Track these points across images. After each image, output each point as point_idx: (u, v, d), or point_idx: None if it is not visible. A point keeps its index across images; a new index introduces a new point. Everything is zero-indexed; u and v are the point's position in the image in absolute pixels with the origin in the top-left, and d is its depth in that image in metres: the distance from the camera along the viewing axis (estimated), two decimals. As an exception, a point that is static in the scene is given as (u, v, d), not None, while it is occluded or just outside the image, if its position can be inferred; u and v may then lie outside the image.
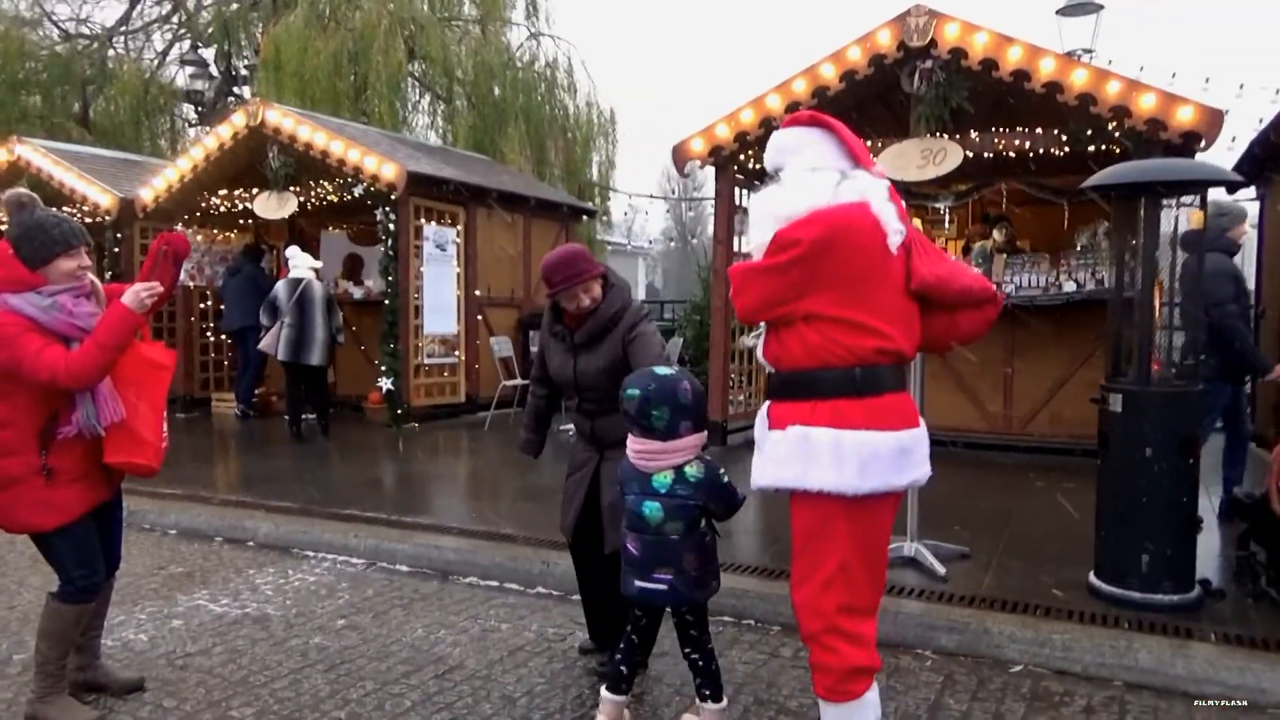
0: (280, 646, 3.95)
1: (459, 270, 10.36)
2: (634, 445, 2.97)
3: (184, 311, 11.35)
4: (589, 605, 3.84)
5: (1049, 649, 3.82)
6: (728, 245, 7.93)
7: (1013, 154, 6.90)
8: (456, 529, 5.53)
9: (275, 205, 10.30)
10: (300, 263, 8.89)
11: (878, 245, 2.55)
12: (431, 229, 9.89)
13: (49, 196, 8.25)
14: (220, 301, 11.09)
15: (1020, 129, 6.80)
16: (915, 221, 7.07)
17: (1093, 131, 6.49)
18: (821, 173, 2.61)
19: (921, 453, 2.65)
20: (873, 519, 2.59)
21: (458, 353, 10.41)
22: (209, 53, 17.67)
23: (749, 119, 7.39)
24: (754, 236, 2.72)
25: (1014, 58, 6.45)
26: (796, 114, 2.81)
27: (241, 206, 10.68)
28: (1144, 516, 4.02)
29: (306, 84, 14.46)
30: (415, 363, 9.81)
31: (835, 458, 2.50)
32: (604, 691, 3.11)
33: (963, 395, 8.00)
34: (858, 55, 6.94)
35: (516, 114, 15.61)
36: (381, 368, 9.60)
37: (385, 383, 9.49)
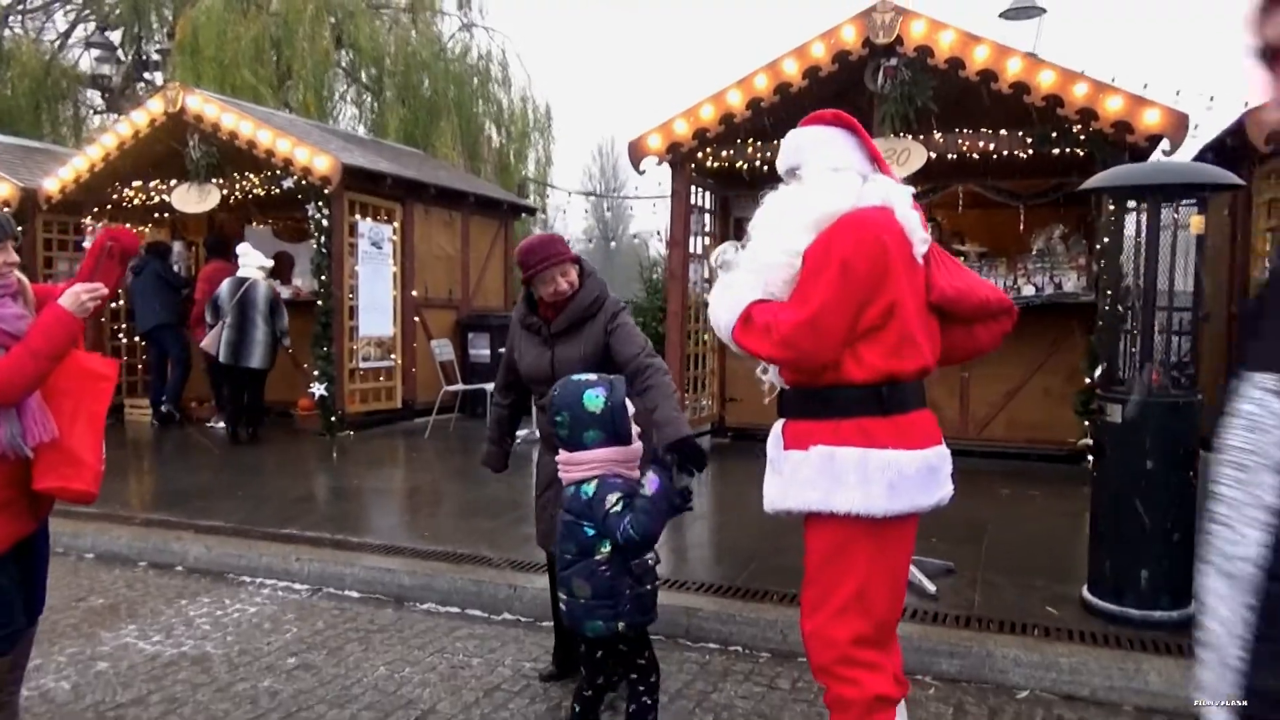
0: (226, 692, 3.53)
1: (395, 269, 9.88)
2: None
3: (93, 312, 10.55)
4: (560, 628, 3.58)
5: (1055, 673, 3.65)
6: (684, 247, 7.67)
7: (976, 155, 6.80)
8: (409, 550, 5.14)
9: (196, 198, 9.66)
10: (250, 261, 8.45)
11: (905, 254, 2.37)
12: (367, 225, 9.40)
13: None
14: (130, 301, 10.37)
15: (984, 130, 6.71)
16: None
17: (1057, 134, 6.43)
18: (844, 173, 2.41)
19: (946, 471, 2.52)
20: (896, 542, 2.43)
21: (394, 356, 9.93)
22: (116, 35, 16.67)
23: (709, 115, 7.14)
24: (768, 239, 2.46)
25: (981, 57, 6.34)
26: (818, 112, 2.57)
27: (158, 199, 9.98)
28: (1145, 532, 3.89)
29: (226, 70, 13.72)
30: (350, 367, 9.30)
31: (862, 478, 2.32)
32: None
33: (919, 399, 7.89)
34: (821, 51, 6.76)
35: (449, 107, 15.12)
36: (314, 372, 9.06)
37: (318, 388, 8.97)
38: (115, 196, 10.11)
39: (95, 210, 10.21)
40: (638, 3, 62.98)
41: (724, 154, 7.38)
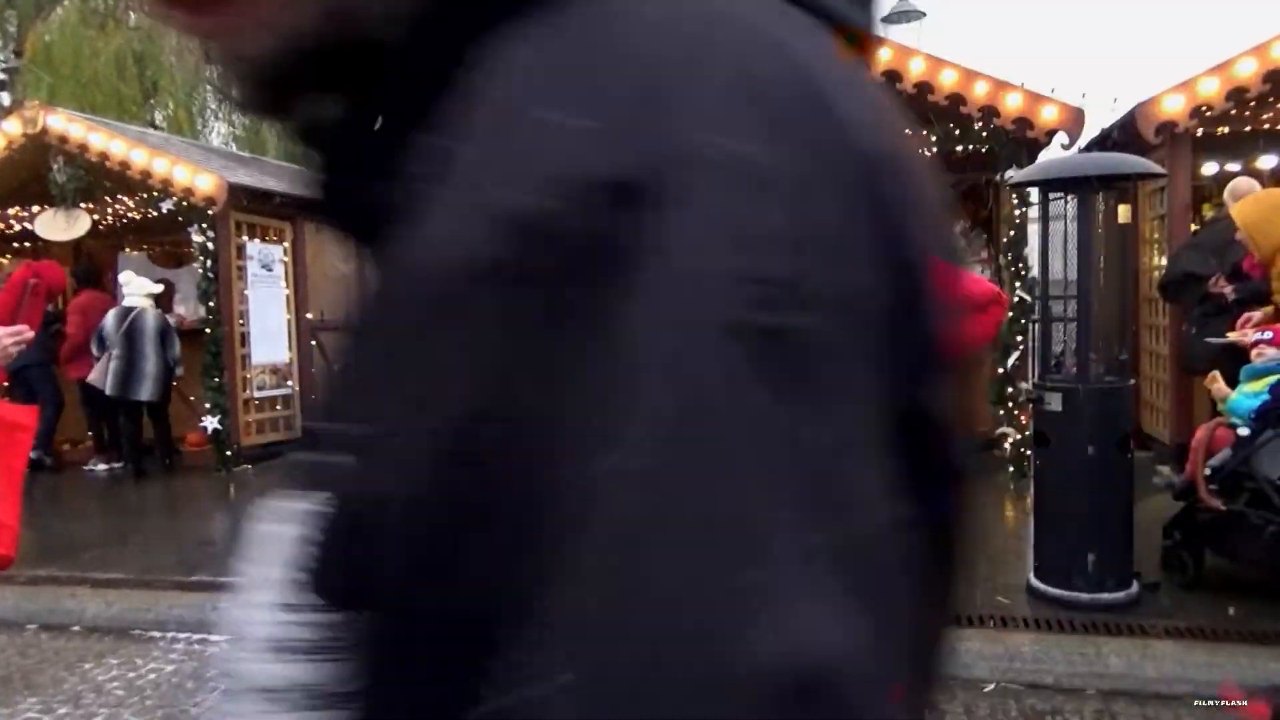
0: (154, 766, 3.20)
1: (288, 291, 9.38)
2: None
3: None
4: None
5: (1020, 663, 3.68)
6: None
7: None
8: (337, 588, 4.82)
9: (63, 225, 8.94)
10: (135, 289, 7.90)
11: None
12: (256, 247, 8.89)
13: None
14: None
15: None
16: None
17: (960, 132, 6.58)
18: None
19: None
20: None
21: (291, 383, 9.43)
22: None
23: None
24: None
25: (884, 58, 6.43)
26: None
27: (19, 227, 9.21)
28: (1089, 515, 3.97)
29: (85, 88, 12.84)
30: (244, 397, 8.77)
31: None
32: None
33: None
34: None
35: (331, 122, 14.54)
36: (205, 404, 8.50)
37: (210, 421, 8.40)
38: (-31, 226, 9.28)
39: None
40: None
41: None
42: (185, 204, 8.38)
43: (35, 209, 8.98)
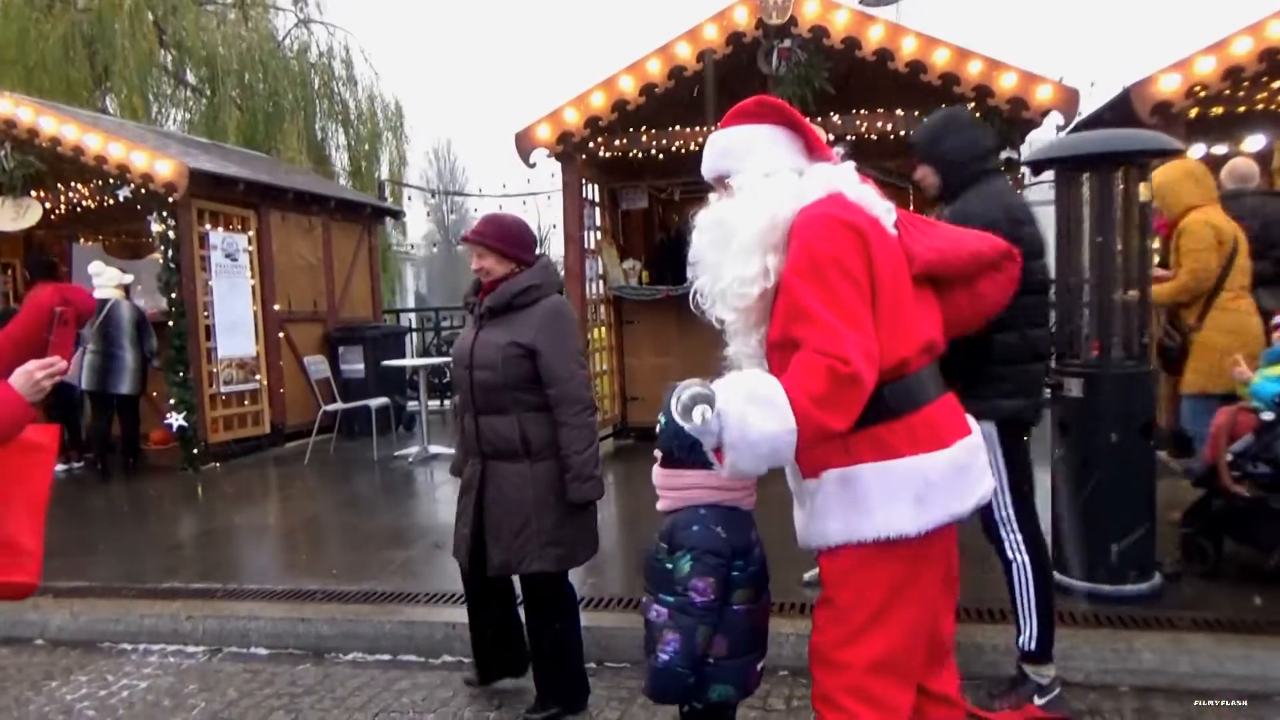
0: (135, 796, 2.93)
1: (254, 282, 9.02)
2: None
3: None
4: (478, 636, 3.53)
5: (1050, 659, 3.52)
6: (579, 243, 7.29)
7: (874, 137, 6.74)
8: (321, 593, 4.56)
9: (12, 215, 8.53)
10: (106, 280, 7.56)
11: (879, 232, 2.07)
12: (219, 236, 8.53)
13: None
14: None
15: (880, 110, 6.65)
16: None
17: (953, 113, 6.43)
18: (776, 176, 2.12)
19: (981, 463, 2.18)
20: (926, 560, 2.09)
21: (258, 377, 9.07)
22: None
23: (600, 103, 6.79)
24: (713, 264, 2.15)
25: (876, 36, 6.28)
26: (742, 105, 2.25)
27: (-34, 217, 8.74)
28: (1112, 505, 3.84)
29: (32, 72, 12.28)
30: (210, 392, 8.42)
31: (885, 497, 2.01)
32: None
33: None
34: (714, 33, 6.53)
35: (293, 108, 14.10)
36: (170, 401, 8.14)
37: (176, 418, 8.05)
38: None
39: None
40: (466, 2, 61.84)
41: (617, 143, 7.06)
42: (143, 191, 8.01)
43: (-17, 198, 8.52)
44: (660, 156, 7.14)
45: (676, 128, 6.96)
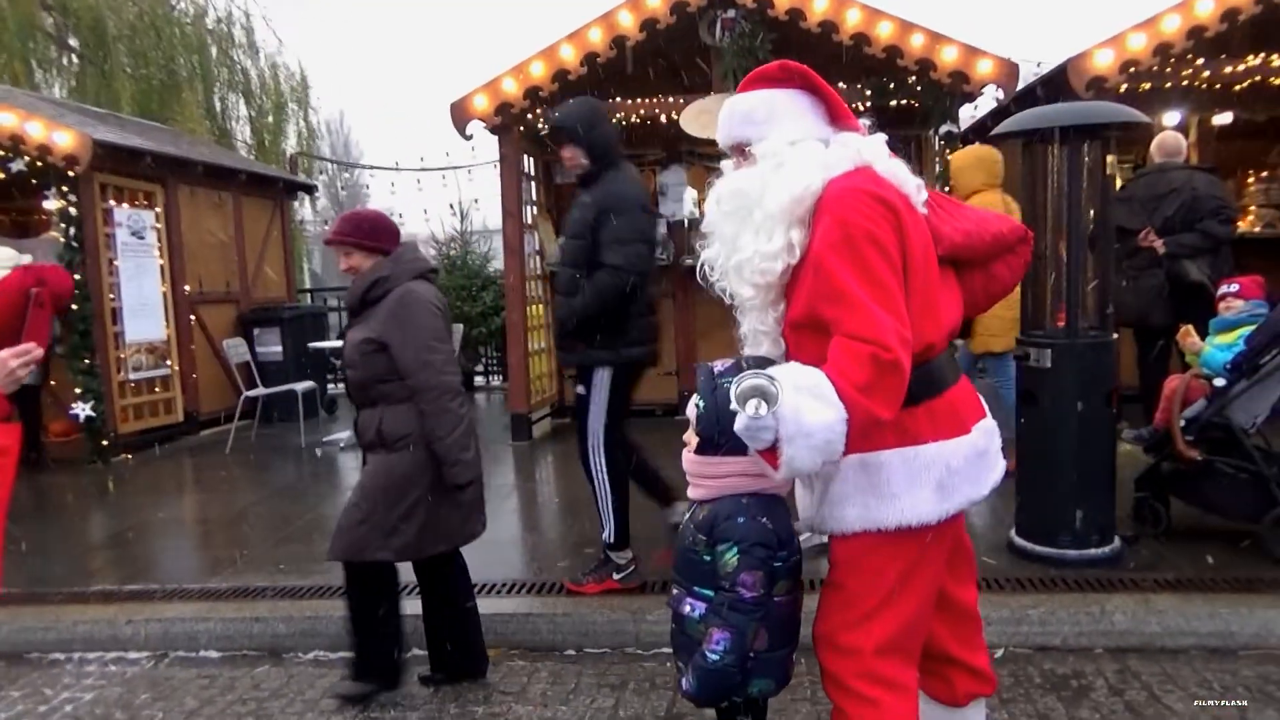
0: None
1: (162, 262, 8.50)
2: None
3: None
4: (436, 633, 3.54)
5: (1027, 626, 3.60)
6: (517, 218, 7.08)
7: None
8: (272, 590, 4.32)
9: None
10: (3, 261, 6.91)
11: (910, 209, 2.01)
12: (125, 213, 7.98)
13: None
14: None
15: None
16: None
17: (894, 85, 6.48)
18: (803, 145, 2.02)
19: (995, 447, 2.16)
20: (938, 543, 2.06)
21: (169, 362, 8.58)
22: None
23: (540, 73, 6.57)
24: (730, 236, 2.07)
25: (820, 8, 6.25)
26: (764, 68, 2.15)
27: None
28: (1078, 472, 3.93)
29: (-105, 36, 11.26)
30: (119, 379, 7.91)
31: (908, 483, 1.97)
32: None
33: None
34: (657, 2, 6.39)
35: (190, 77, 13.33)
36: (75, 390, 7.61)
37: (83, 408, 7.53)
38: None
39: None
40: (366, -31, 59.68)
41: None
42: (39, 164, 7.41)
43: None
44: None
45: (619, 99, 6.81)
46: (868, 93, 6.54)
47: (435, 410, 3.09)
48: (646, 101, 6.73)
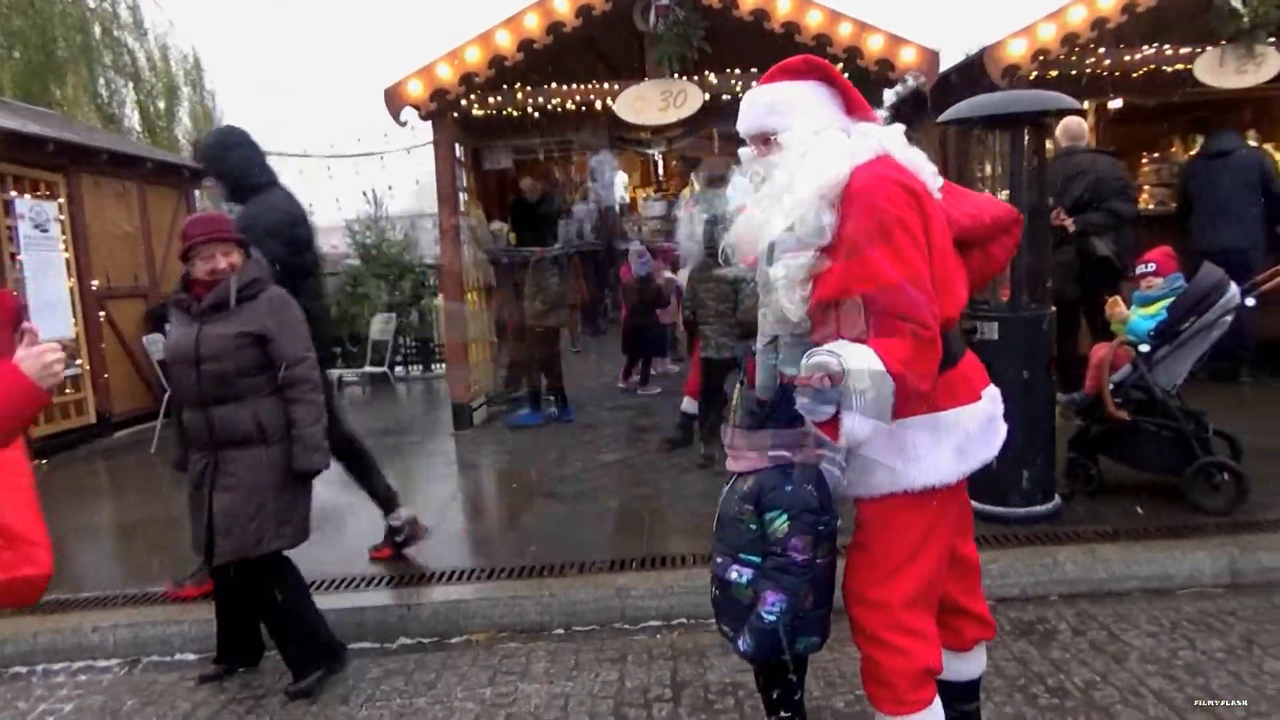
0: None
1: (68, 255, 8.10)
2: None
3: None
4: (224, 621, 3.63)
5: (988, 579, 3.77)
6: (452, 203, 7.02)
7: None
8: (243, 588, 4.24)
9: None
10: None
11: (929, 195, 2.18)
12: (26, 204, 7.57)
13: None
14: None
15: (754, 70, 6.81)
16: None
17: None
18: (826, 134, 2.18)
19: (1000, 411, 2.40)
20: (953, 501, 2.27)
21: (79, 361, 8.18)
22: None
23: (475, 58, 6.53)
24: (760, 221, 2.21)
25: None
26: (786, 63, 2.29)
27: None
28: (1025, 437, 4.22)
29: None
30: (27, 380, 7.50)
31: (930, 447, 2.16)
32: None
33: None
34: (593, -12, 6.43)
35: (72, 58, 12.60)
36: (-19, 392, 7.18)
37: (-10, 411, 7.12)
38: None
39: None
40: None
41: (491, 100, 6.84)
42: (-69, 154, 6.96)
43: None
44: (536, 115, 6.98)
45: (554, 85, 6.83)
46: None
47: (309, 400, 3.29)
48: (582, 88, 6.77)
